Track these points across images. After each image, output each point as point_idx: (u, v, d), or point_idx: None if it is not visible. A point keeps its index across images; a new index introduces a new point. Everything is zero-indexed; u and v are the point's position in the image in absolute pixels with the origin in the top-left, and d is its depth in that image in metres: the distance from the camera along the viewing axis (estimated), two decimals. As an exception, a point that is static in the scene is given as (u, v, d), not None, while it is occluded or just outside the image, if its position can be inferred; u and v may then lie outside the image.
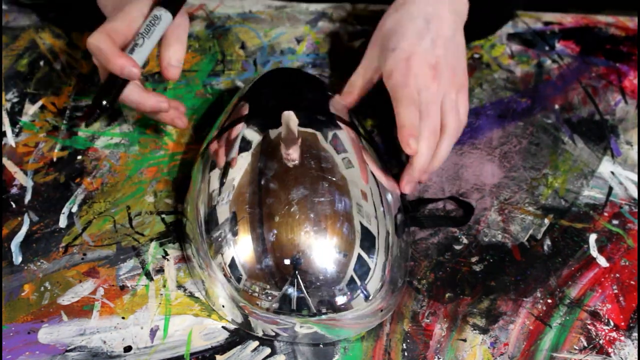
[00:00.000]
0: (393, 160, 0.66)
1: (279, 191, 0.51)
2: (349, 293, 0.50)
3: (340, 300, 0.50)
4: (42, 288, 0.56)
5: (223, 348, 0.53)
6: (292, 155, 0.53)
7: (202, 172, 0.56)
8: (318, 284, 0.49)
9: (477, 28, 0.75)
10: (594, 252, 0.60)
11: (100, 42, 0.54)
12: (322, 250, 0.50)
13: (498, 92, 0.74)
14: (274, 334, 0.53)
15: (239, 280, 0.51)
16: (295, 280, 0.49)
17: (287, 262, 0.49)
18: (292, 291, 0.49)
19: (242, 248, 0.51)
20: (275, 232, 0.50)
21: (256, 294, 0.50)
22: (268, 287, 0.50)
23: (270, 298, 0.50)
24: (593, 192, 0.65)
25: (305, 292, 0.49)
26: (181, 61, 0.57)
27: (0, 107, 0.70)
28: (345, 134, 0.57)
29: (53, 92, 0.71)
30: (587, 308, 0.56)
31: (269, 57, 0.76)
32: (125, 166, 0.65)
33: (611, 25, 0.82)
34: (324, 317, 0.50)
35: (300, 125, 0.56)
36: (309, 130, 0.56)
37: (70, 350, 0.52)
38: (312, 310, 0.50)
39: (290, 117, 0.56)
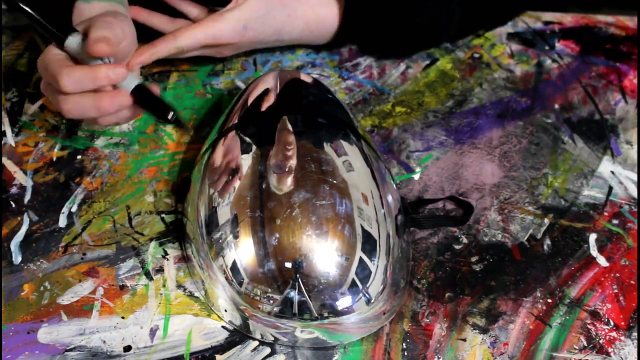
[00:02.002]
0: (393, 160, 0.66)
1: (280, 195, 0.51)
2: (351, 296, 0.50)
3: (342, 303, 0.50)
4: (42, 288, 0.56)
5: (223, 348, 0.53)
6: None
7: (203, 173, 0.56)
8: (320, 287, 0.49)
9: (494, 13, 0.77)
10: (594, 252, 0.60)
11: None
12: (324, 253, 0.50)
13: (498, 92, 0.74)
14: (273, 338, 0.53)
15: (240, 283, 0.51)
16: (297, 284, 0.49)
17: (289, 265, 0.49)
18: (293, 295, 0.49)
19: (244, 251, 0.51)
20: (277, 235, 0.50)
21: (258, 298, 0.50)
22: (270, 290, 0.50)
23: (272, 302, 0.50)
24: (593, 192, 0.65)
25: (307, 296, 0.49)
26: (108, 37, 0.54)
27: (0, 107, 0.70)
28: (345, 136, 0.57)
29: (53, 92, 0.71)
30: (587, 308, 0.56)
31: (269, 57, 0.76)
32: (125, 166, 0.65)
33: (611, 25, 0.82)
34: (325, 321, 0.50)
35: (300, 127, 0.56)
36: (310, 133, 0.56)
37: (70, 350, 0.52)
38: (314, 314, 0.50)
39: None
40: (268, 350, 0.53)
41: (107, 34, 0.54)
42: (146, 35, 0.62)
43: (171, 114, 0.55)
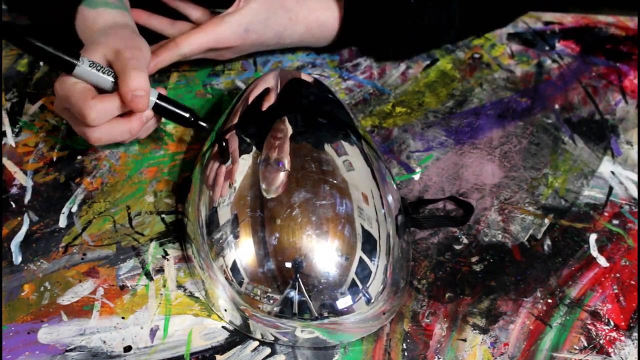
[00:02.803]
0: (393, 160, 0.66)
1: (280, 194, 0.51)
2: (350, 296, 0.50)
3: (342, 303, 0.50)
4: (42, 288, 0.56)
5: (223, 348, 0.53)
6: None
7: (203, 173, 0.56)
8: (320, 287, 0.49)
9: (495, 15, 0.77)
10: (594, 252, 0.60)
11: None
12: (323, 253, 0.50)
13: (498, 92, 0.74)
14: (273, 338, 0.53)
15: (240, 283, 0.51)
16: (297, 284, 0.49)
17: (288, 265, 0.49)
18: (293, 294, 0.49)
19: (243, 251, 0.51)
20: (277, 235, 0.50)
21: (258, 297, 0.50)
22: (270, 290, 0.50)
23: (271, 301, 0.50)
24: (593, 192, 0.65)
25: (306, 295, 0.49)
26: (145, 89, 0.54)
27: (0, 107, 0.70)
28: (345, 136, 0.57)
29: (53, 92, 0.71)
30: (588, 308, 0.56)
31: (269, 57, 0.76)
32: (125, 166, 0.65)
33: (611, 25, 0.82)
34: (325, 321, 0.50)
35: (300, 127, 0.56)
36: (310, 132, 0.56)
37: (70, 350, 0.52)
38: (313, 313, 0.50)
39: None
40: (268, 350, 0.53)
41: (141, 84, 0.53)
42: (146, 36, 0.62)
43: (187, 115, 0.57)
